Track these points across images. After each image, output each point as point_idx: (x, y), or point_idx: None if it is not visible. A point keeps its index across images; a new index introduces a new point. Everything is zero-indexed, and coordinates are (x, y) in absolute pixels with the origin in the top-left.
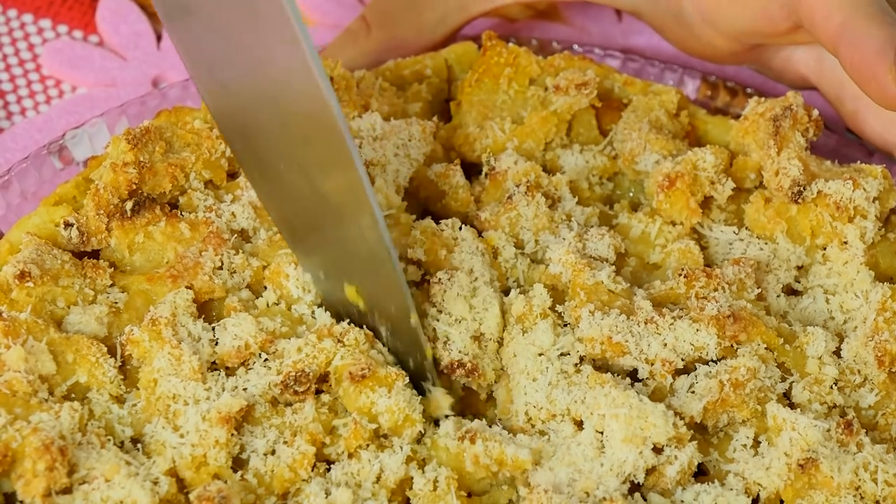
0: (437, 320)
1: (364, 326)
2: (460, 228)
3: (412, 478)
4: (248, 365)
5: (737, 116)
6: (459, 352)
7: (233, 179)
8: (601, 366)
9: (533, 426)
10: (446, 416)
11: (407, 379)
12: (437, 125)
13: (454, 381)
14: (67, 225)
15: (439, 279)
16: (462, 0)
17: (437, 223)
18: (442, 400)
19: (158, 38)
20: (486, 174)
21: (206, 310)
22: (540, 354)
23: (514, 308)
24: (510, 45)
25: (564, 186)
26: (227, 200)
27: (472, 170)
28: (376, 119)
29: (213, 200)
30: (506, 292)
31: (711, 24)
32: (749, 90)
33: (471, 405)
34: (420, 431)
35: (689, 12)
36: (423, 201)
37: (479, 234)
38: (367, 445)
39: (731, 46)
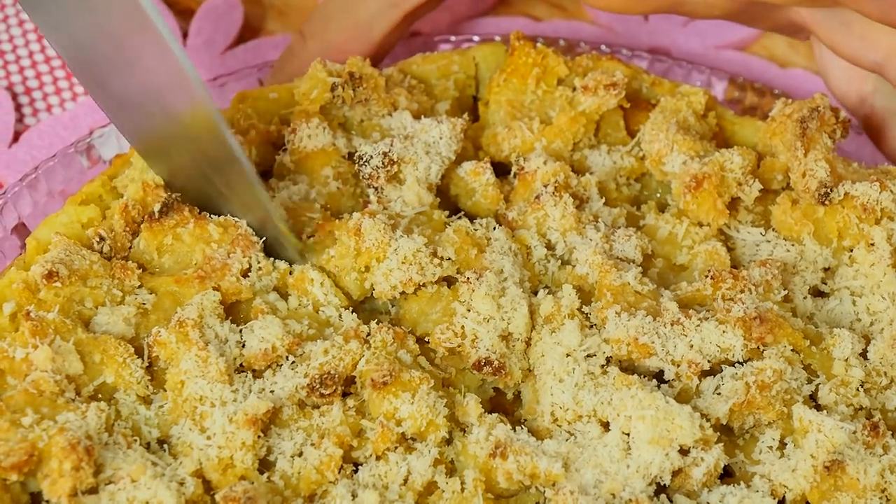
0: (466, 318)
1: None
2: (494, 228)
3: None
4: (275, 367)
5: (764, 118)
6: (487, 349)
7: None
8: (627, 367)
9: (559, 427)
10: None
11: (432, 382)
12: (466, 122)
13: (484, 381)
14: (101, 239)
15: (467, 278)
16: None
17: (472, 222)
18: (472, 406)
19: (185, 35)
20: (515, 174)
21: (234, 311)
22: (567, 355)
23: (543, 308)
24: (538, 45)
25: (593, 187)
26: None
27: (499, 170)
28: (406, 117)
29: None
30: (535, 293)
31: None
32: (776, 91)
33: (499, 404)
34: (444, 436)
35: None
36: (453, 199)
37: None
38: (395, 448)
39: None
